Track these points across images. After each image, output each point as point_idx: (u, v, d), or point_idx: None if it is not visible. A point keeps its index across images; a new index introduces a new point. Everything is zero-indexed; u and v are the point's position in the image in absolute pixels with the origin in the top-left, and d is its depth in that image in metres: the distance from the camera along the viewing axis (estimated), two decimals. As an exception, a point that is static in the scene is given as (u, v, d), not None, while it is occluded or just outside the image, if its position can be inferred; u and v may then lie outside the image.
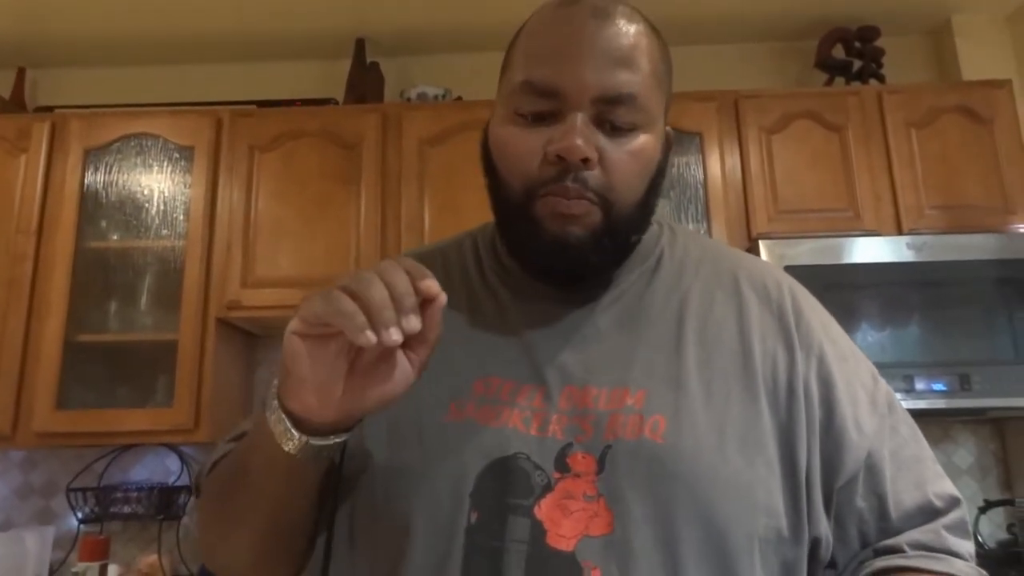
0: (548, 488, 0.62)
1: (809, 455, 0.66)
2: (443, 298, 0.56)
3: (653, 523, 0.60)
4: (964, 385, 1.83)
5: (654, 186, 0.69)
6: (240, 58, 2.63)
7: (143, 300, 2.20)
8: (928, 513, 0.68)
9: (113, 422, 2.03)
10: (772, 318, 0.71)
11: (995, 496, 2.18)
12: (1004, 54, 2.45)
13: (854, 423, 0.68)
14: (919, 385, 1.84)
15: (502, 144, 0.68)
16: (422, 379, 0.68)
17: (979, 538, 2.10)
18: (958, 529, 0.68)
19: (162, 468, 2.31)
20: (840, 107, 2.19)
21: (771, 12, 2.47)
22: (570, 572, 0.59)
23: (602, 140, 0.64)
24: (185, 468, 2.30)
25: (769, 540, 0.63)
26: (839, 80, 2.42)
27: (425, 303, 0.55)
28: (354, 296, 0.52)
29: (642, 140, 0.66)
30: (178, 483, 2.27)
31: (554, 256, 0.66)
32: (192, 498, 2.24)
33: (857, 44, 2.42)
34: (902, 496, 0.68)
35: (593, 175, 0.64)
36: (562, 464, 0.63)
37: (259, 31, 2.49)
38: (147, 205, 2.21)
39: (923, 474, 0.70)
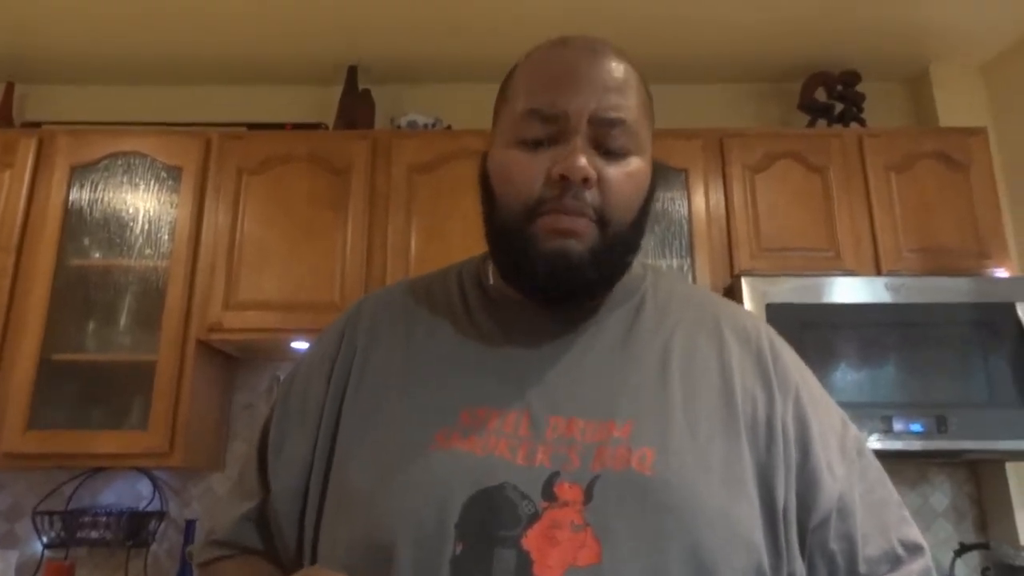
0: (535, 517, 0.62)
1: (786, 493, 0.67)
2: None
3: (641, 555, 0.60)
4: (941, 427, 1.85)
5: (645, 210, 0.73)
6: (232, 81, 2.64)
7: (123, 320, 2.18)
8: (892, 560, 0.70)
9: (85, 444, 1.99)
10: (751, 359, 0.74)
11: (971, 539, 2.18)
12: (979, 103, 2.52)
13: (827, 465, 0.70)
14: (897, 426, 1.85)
15: (505, 168, 0.71)
16: (407, 409, 0.69)
17: (954, 583, 2.10)
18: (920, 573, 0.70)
19: (133, 493, 2.26)
20: (822, 148, 2.24)
21: (756, 55, 2.53)
22: None
23: (599, 162, 0.68)
24: (157, 493, 2.26)
25: (751, 575, 0.63)
26: (821, 122, 2.48)
27: None
28: None
29: (635, 164, 0.70)
30: (149, 508, 2.22)
31: (554, 271, 0.68)
32: (161, 525, 2.20)
33: (839, 88, 2.48)
34: (869, 542, 0.69)
35: (591, 194, 0.68)
36: (549, 493, 0.63)
37: (253, 55, 2.50)
38: (131, 224, 2.19)
39: (888, 520, 0.72)
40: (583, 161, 0.67)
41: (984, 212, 2.17)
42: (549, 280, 0.69)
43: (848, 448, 0.73)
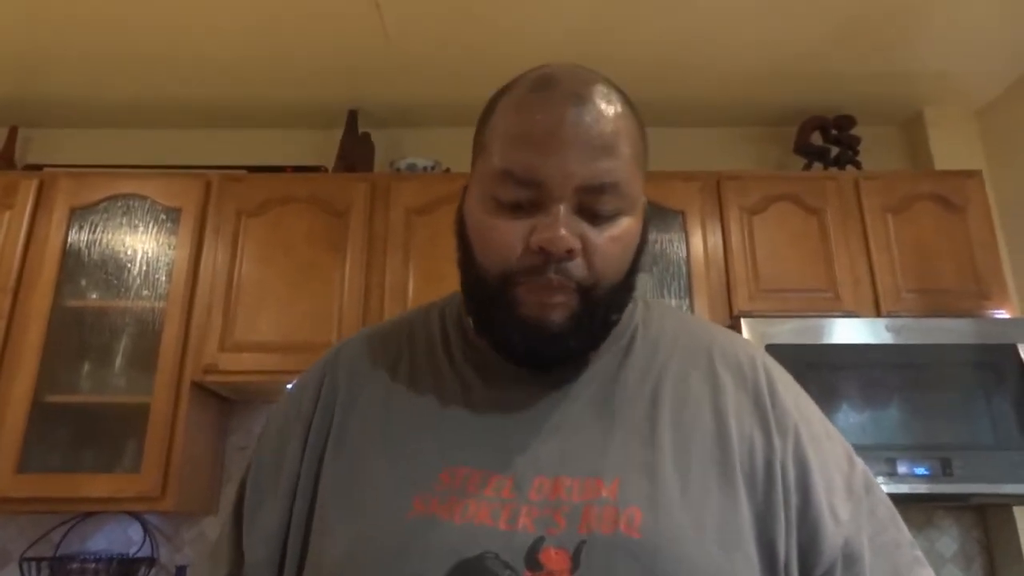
0: None
1: (787, 544, 0.64)
2: None
3: None
4: (946, 470, 1.82)
5: (635, 266, 0.68)
6: (233, 124, 2.67)
7: (118, 361, 2.16)
8: None
9: (76, 487, 1.95)
10: (748, 398, 0.70)
11: (980, 586, 2.13)
12: (974, 146, 2.54)
13: (830, 510, 0.66)
14: (901, 469, 1.82)
15: (481, 230, 0.66)
16: (386, 472, 0.65)
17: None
18: None
19: (123, 538, 2.21)
20: (819, 191, 2.25)
21: (753, 99, 2.56)
22: None
23: (585, 228, 0.63)
24: (148, 538, 2.21)
25: None
26: (817, 165, 2.50)
27: None
28: None
29: (624, 224, 0.65)
30: (139, 554, 2.17)
31: (533, 342, 0.65)
32: (152, 571, 2.15)
33: (834, 132, 2.51)
34: None
35: (576, 264, 0.63)
36: (533, 562, 0.58)
37: (254, 99, 2.53)
38: (129, 265, 2.19)
39: (900, 563, 0.67)
40: (564, 232, 0.61)
41: (982, 253, 2.17)
42: (527, 352, 0.66)
43: (855, 487, 0.69)
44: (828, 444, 0.71)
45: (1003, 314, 2.09)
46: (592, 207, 0.63)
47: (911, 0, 2.06)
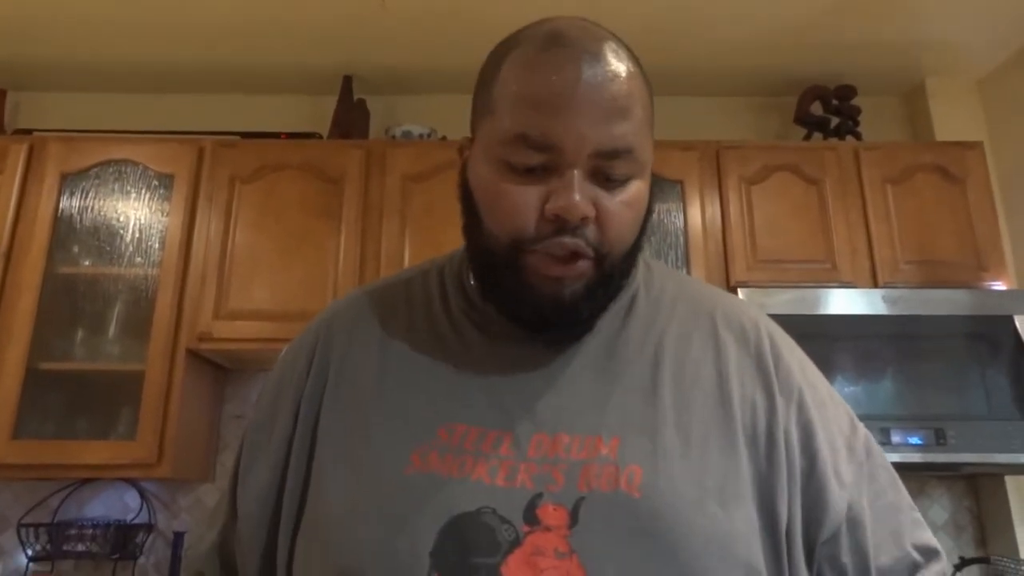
0: (516, 543, 0.58)
1: (790, 507, 0.63)
2: None
3: None
4: (939, 440, 1.83)
5: (644, 230, 0.68)
6: (227, 90, 2.63)
7: (111, 329, 2.14)
8: (909, 568, 0.66)
9: (72, 454, 1.95)
10: (751, 361, 0.69)
11: (970, 553, 2.16)
12: (975, 116, 2.52)
13: (834, 473, 0.66)
14: (895, 438, 1.83)
15: (492, 196, 0.64)
16: (383, 427, 0.65)
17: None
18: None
19: (120, 504, 2.22)
20: (818, 161, 2.23)
21: (753, 68, 2.53)
22: None
23: (598, 193, 0.62)
24: (145, 505, 2.22)
25: None
26: (817, 136, 2.48)
27: None
28: None
29: (636, 188, 0.64)
30: (136, 521, 2.19)
31: (545, 311, 0.64)
32: (149, 537, 2.16)
33: (835, 102, 2.48)
34: (882, 551, 0.66)
35: (590, 230, 0.62)
36: (531, 516, 0.59)
37: (248, 64, 2.49)
38: (122, 232, 2.17)
39: (902, 525, 0.68)
40: (579, 199, 0.60)
41: (981, 225, 2.17)
42: (538, 319, 0.65)
43: (857, 449, 0.69)
44: (832, 407, 0.71)
45: (1000, 286, 2.09)
46: (606, 171, 0.62)
47: (916, -34, 2.03)
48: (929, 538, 0.69)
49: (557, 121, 0.60)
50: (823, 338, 1.94)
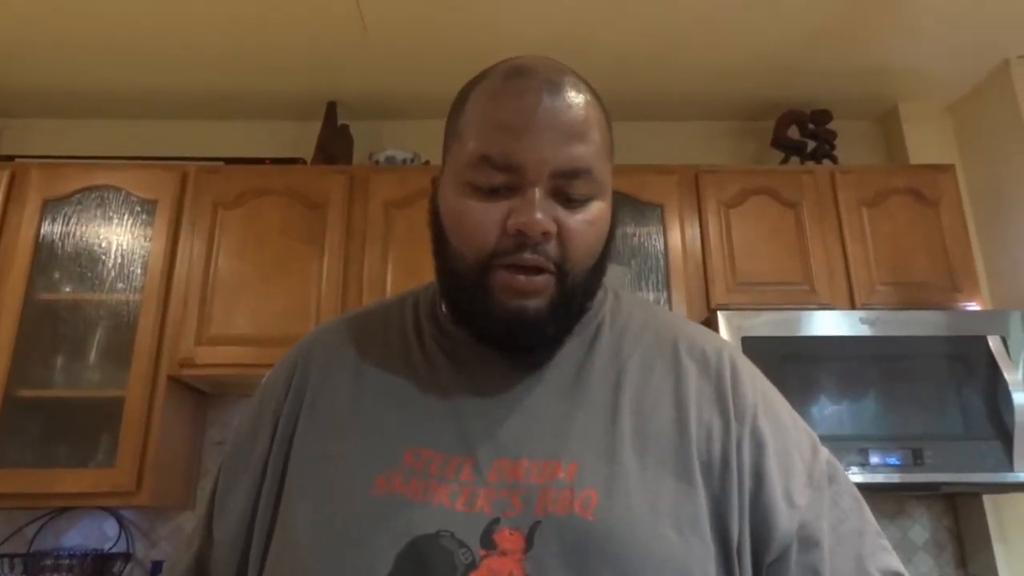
0: (472, 567, 0.59)
1: (740, 528, 0.64)
2: None
3: None
4: (917, 460, 1.85)
5: (606, 251, 0.70)
6: (211, 115, 2.64)
7: (92, 355, 2.13)
8: None
9: (49, 482, 1.93)
10: (709, 385, 0.70)
11: (951, 572, 2.17)
12: (947, 140, 2.58)
13: (784, 494, 0.66)
14: (874, 459, 1.85)
15: (457, 215, 0.67)
16: (351, 451, 0.67)
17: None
18: None
19: (98, 533, 2.19)
20: (795, 185, 2.27)
21: (731, 93, 2.58)
22: None
23: (559, 211, 0.65)
24: (123, 533, 2.19)
25: None
26: (794, 159, 2.52)
27: None
28: None
29: (596, 208, 0.67)
30: (114, 550, 2.16)
31: (510, 328, 0.66)
32: (127, 566, 2.13)
33: (811, 126, 2.53)
34: (840, 574, 0.65)
35: (551, 246, 0.64)
36: (488, 541, 0.60)
37: (232, 90, 2.51)
38: (104, 257, 2.17)
39: (864, 549, 0.67)
40: (540, 215, 0.63)
41: (954, 246, 2.21)
42: (505, 336, 0.67)
43: (817, 475, 0.69)
44: (793, 432, 0.71)
45: (974, 306, 2.13)
46: (565, 191, 0.65)
47: (886, -4, 2.09)
48: (895, 564, 0.68)
49: (519, 142, 0.64)
50: (802, 360, 1.96)
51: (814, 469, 0.70)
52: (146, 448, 1.96)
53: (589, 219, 0.66)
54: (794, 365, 1.95)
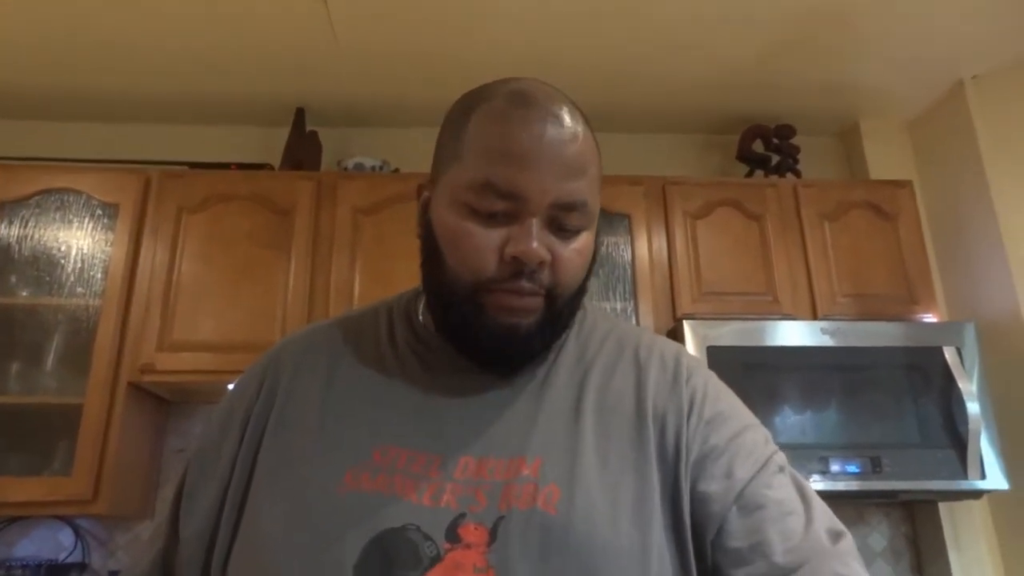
0: (437, 559, 0.61)
1: (691, 512, 0.66)
2: None
3: None
4: (876, 468, 1.89)
5: (589, 274, 0.74)
6: (177, 119, 2.61)
7: (49, 361, 2.08)
8: (818, 547, 0.63)
9: (3, 491, 1.87)
10: (667, 381, 0.74)
11: (909, 580, 2.22)
12: (906, 156, 2.65)
13: (727, 470, 0.67)
14: (834, 467, 1.89)
15: (455, 236, 0.69)
16: (321, 447, 0.69)
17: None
18: (853, 555, 0.65)
19: (53, 543, 2.13)
20: (759, 197, 2.31)
21: (698, 107, 2.62)
22: None
23: (553, 241, 0.68)
24: (79, 543, 2.13)
25: None
26: (758, 173, 2.57)
27: None
28: None
29: (585, 238, 0.70)
30: (69, 560, 2.10)
31: (500, 345, 0.69)
32: (84, 577, 2.08)
33: (775, 140, 2.58)
34: (789, 535, 0.64)
35: (545, 274, 0.68)
36: (453, 535, 0.62)
37: (199, 94, 2.48)
38: (63, 262, 2.12)
39: (813, 514, 0.66)
40: (538, 245, 0.66)
41: (912, 260, 2.27)
42: (495, 353, 0.70)
43: (768, 463, 0.69)
44: (744, 424, 0.72)
45: (931, 319, 2.18)
46: (560, 222, 0.68)
47: (847, 16, 2.14)
48: (840, 525, 0.67)
49: (523, 173, 0.66)
50: (765, 369, 1.99)
51: (766, 458, 0.70)
52: (104, 456, 1.91)
53: (579, 248, 0.70)
54: (758, 374, 1.98)
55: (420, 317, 0.77)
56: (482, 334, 0.69)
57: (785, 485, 0.69)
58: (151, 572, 0.76)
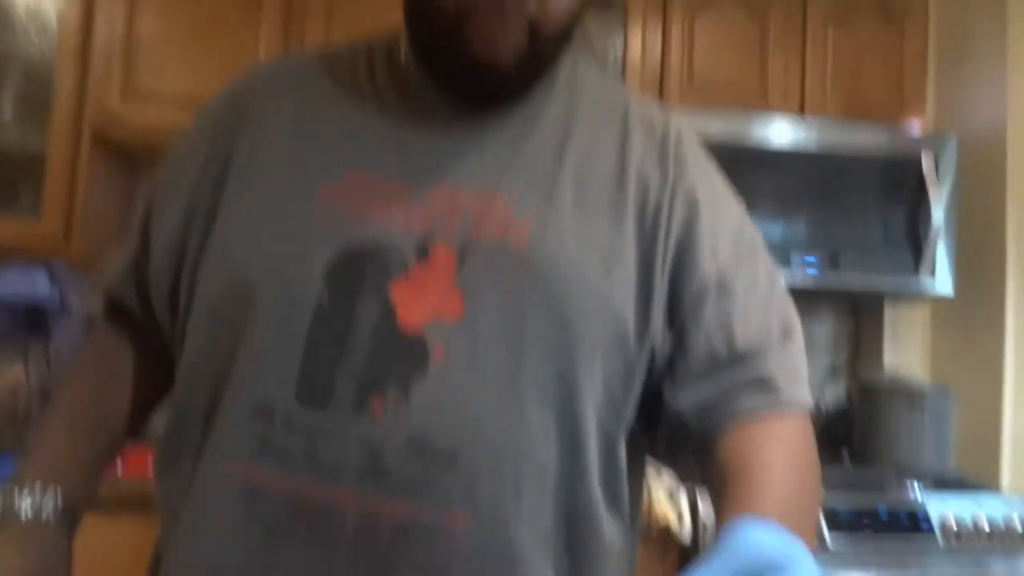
0: (404, 270, 0.63)
1: (662, 277, 0.68)
2: None
3: (504, 315, 0.63)
4: (833, 263, 1.95)
5: (580, 14, 0.69)
6: None
7: (7, 110, 1.99)
8: (775, 336, 0.70)
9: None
10: (653, 146, 0.72)
11: (842, 368, 2.39)
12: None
13: (711, 247, 0.69)
14: (794, 258, 1.95)
15: None
16: (294, 167, 0.69)
17: (821, 407, 2.32)
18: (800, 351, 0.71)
19: (28, 285, 2.16)
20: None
21: None
22: (415, 352, 0.61)
23: None
24: (55, 287, 2.17)
25: (615, 346, 0.65)
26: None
27: None
28: None
29: None
30: (46, 301, 2.15)
31: (482, 77, 0.66)
32: (62, 319, 2.14)
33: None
34: (750, 320, 0.68)
35: (530, 1, 0.63)
36: (423, 250, 0.63)
37: None
38: (10, 9, 1.96)
39: (773, 302, 0.71)
40: None
41: (911, 67, 2.22)
42: (474, 87, 0.68)
43: (742, 240, 0.72)
44: (725, 200, 0.74)
45: (916, 122, 2.15)
46: None
47: None
48: (794, 316, 0.72)
49: None
50: (744, 161, 1.98)
51: (741, 235, 0.73)
52: (73, 202, 1.90)
53: None
54: (736, 167, 1.97)
55: (403, 58, 0.73)
56: (461, 66, 0.66)
57: (757, 272, 0.71)
58: (123, 283, 0.78)
